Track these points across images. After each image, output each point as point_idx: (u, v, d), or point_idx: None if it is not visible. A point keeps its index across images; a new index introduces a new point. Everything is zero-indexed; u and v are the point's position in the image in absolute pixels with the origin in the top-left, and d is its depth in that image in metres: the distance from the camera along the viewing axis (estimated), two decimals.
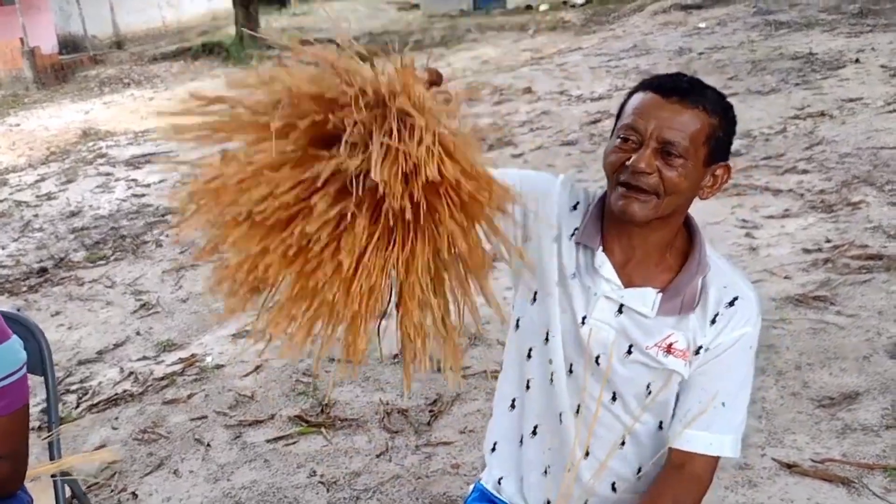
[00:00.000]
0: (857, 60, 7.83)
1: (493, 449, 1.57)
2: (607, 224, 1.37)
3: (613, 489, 1.45)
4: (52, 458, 1.86)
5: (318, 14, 19.22)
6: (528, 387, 1.47)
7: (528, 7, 18.20)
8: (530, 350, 1.45)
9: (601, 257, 1.35)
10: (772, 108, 6.72)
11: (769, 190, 4.94)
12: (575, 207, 1.41)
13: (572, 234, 1.39)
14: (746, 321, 1.33)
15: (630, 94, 1.34)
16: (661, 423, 1.40)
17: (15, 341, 1.60)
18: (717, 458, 1.34)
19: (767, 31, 10.24)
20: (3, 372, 1.54)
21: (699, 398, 1.34)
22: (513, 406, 1.51)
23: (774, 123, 6.24)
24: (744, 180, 5.13)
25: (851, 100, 6.57)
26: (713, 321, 1.33)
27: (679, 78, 1.31)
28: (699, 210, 1.34)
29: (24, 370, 1.60)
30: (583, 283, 1.37)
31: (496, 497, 1.57)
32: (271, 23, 18.45)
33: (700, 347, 1.33)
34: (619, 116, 1.35)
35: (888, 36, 8.70)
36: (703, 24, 11.44)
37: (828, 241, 4.07)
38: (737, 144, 5.73)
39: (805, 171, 5.17)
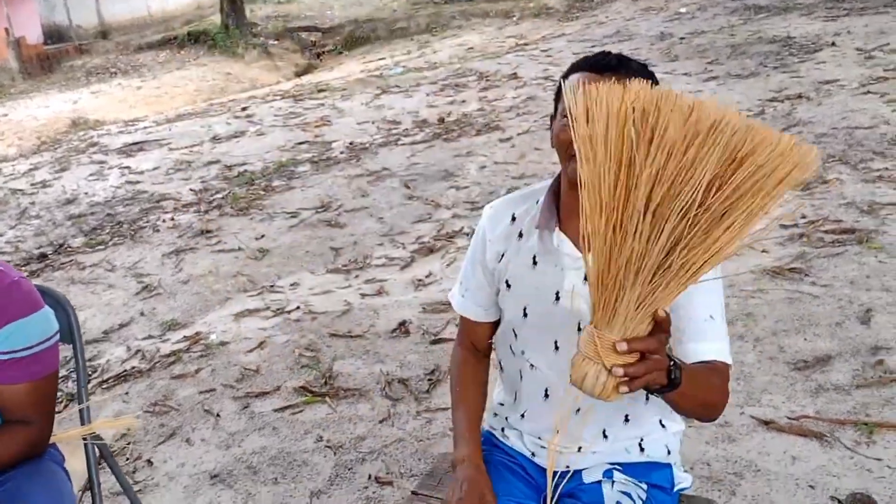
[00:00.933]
0: (833, 44, 8.01)
1: (523, 416, 1.66)
2: (563, 202, 1.51)
3: (605, 436, 1.57)
4: (82, 423, 1.99)
5: (303, 2, 19.23)
6: (521, 377, 1.61)
7: None
8: (514, 341, 1.60)
9: (557, 236, 1.50)
10: (751, 91, 6.89)
11: None
12: (514, 218, 1.58)
13: (520, 235, 1.56)
14: None
15: (564, 77, 1.52)
16: None
17: (48, 311, 1.73)
18: (729, 366, 1.41)
19: (747, 15, 10.41)
20: (38, 338, 1.66)
21: (689, 316, 1.39)
22: (515, 398, 1.66)
23: (753, 106, 6.41)
24: None
25: (828, 82, 6.75)
26: None
27: (606, 55, 1.50)
28: None
29: (57, 338, 1.73)
30: (549, 265, 1.51)
31: (502, 443, 1.71)
32: (256, 11, 18.43)
33: None
34: (557, 98, 1.53)
35: (864, 19, 8.88)
36: (683, 10, 11.60)
37: (803, 217, 4.25)
38: None
39: None
